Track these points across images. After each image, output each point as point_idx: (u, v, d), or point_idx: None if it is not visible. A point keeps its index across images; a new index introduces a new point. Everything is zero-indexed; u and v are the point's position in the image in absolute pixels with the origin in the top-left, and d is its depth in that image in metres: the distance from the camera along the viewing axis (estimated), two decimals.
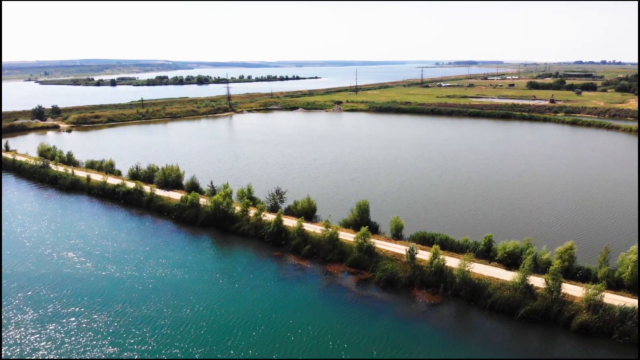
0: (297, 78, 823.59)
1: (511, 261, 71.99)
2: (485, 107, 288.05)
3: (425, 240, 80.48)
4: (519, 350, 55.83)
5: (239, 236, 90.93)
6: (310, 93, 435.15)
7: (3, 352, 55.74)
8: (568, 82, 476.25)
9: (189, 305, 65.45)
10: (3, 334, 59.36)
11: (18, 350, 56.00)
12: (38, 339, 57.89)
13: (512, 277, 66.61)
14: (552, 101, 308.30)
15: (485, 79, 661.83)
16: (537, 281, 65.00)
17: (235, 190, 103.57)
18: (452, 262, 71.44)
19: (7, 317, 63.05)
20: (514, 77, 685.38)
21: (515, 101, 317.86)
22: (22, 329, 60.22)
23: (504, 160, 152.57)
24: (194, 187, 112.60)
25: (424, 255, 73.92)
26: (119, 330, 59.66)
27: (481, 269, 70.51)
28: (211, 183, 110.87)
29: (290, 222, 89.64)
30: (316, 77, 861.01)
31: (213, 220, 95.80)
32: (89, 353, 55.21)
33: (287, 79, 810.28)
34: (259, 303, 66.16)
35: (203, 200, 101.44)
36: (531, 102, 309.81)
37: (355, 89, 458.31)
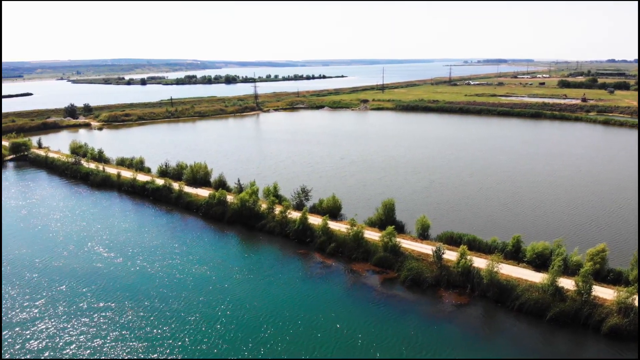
0: (324, 77, 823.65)
1: (540, 262, 70.68)
2: (514, 106, 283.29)
3: (452, 241, 79.65)
4: (547, 352, 54.84)
5: (264, 233, 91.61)
6: (337, 92, 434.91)
7: (36, 345, 57.33)
8: (600, 80, 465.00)
9: (217, 302, 66.24)
10: (35, 327, 61.04)
11: (51, 343, 57.53)
12: (70, 333, 59.41)
13: (541, 278, 65.46)
14: (583, 100, 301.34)
15: (515, 77, 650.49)
16: (567, 283, 63.75)
17: (261, 188, 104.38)
18: (479, 262, 70.56)
19: (41, 311, 64.84)
20: (544, 75, 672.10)
21: (546, 100, 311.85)
22: (55, 322, 61.85)
23: (535, 160, 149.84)
24: (221, 184, 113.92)
25: (450, 255, 73.21)
26: (149, 326, 60.77)
27: (509, 270, 69.47)
28: (238, 181, 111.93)
29: (315, 220, 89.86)
30: (342, 76, 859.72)
31: (240, 217, 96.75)
32: (119, 348, 56.38)
33: (313, 77, 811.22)
34: (286, 300, 66.56)
35: (230, 198, 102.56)
36: (562, 101, 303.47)
37: (382, 88, 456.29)
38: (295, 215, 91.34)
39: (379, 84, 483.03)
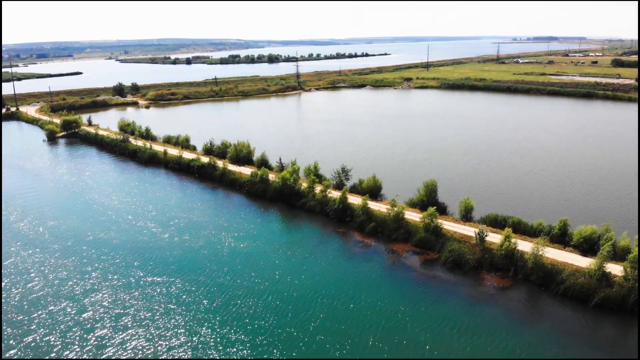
0: (366, 55, 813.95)
1: (588, 247, 68.66)
2: (565, 85, 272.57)
3: (496, 223, 78.12)
4: (590, 338, 53.74)
5: (305, 211, 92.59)
6: (379, 70, 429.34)
7: (91, 315, 60.26)
8: None
9: (262, 277, 67.70)
10: (90, 299, 64.07)
11: (107, 314, 60.33)
12: (123, 305, 62.01)
13: (587, 263, 63.70)
14: (638, 80, 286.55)
15: (566, 55, 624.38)
16: (615, 269, 61.84)
17: (302, 167, 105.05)
18: (524, 245, 69.25)
19: (95, 283, 67.93)
20: (597, 53, 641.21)
21: (598, 79, 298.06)
22: (109, 294, 64.64)
23: (586, 142, 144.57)
24: (263, 163, 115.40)
25: (494, 238, 72.00)
26: (197, 299, 62.73)
27: (555, 254, 67.83)
28: (280, 159, 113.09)
29: (355, 199, 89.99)
30: (386, 54, 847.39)
31: (281, 195, 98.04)
32: (169, 320, 58.52)
33: (356, 56, 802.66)
34: (327, 277, 67.41)
35: (272, 176, 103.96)
36: (615, 81, 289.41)
37: (427, 65, 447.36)
38: (335, 194, 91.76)
39: (423, 61, 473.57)
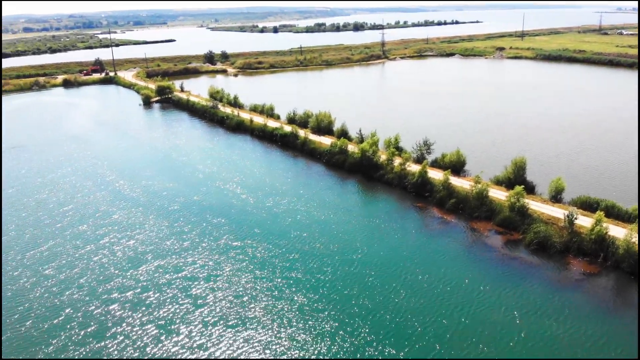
0: (457, 22, 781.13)
1: None
2: None
3: (588, 206, 73.87)
4: None
5: (382, 184, 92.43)
6: (470, 39, 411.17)
7: (189, 271, 64.33)
8: None
9: (341, 247, 68.79)
10: (186, 259, 68.34)
11: (202, 273, 64.18)
12: (215, 267, 65.35)
13: None
14: None
15: None
16: None
17: (382, 139, 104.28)
18: (616, 231, 65.26)
19: (190, 243, 71.83)
20: None
21: None
22: (202, 255, 68.13)
23: None
24: (343, 133, 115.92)
25: (584, 221, 68.33)
26: (280, 264, 64.68)
27: None
28: (359, 131, 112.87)
29: (435, 174, 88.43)
30: (477, 22, 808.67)
31: (359, 166, 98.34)
32: (255, 283, 60.95)
33: (445, 23, 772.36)
34: (407, 252, 67.22)
35: (351, 147, 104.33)
36: None
37: (521, 35, 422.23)
38: (414, 168, 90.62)
39: (518, 30, 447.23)
